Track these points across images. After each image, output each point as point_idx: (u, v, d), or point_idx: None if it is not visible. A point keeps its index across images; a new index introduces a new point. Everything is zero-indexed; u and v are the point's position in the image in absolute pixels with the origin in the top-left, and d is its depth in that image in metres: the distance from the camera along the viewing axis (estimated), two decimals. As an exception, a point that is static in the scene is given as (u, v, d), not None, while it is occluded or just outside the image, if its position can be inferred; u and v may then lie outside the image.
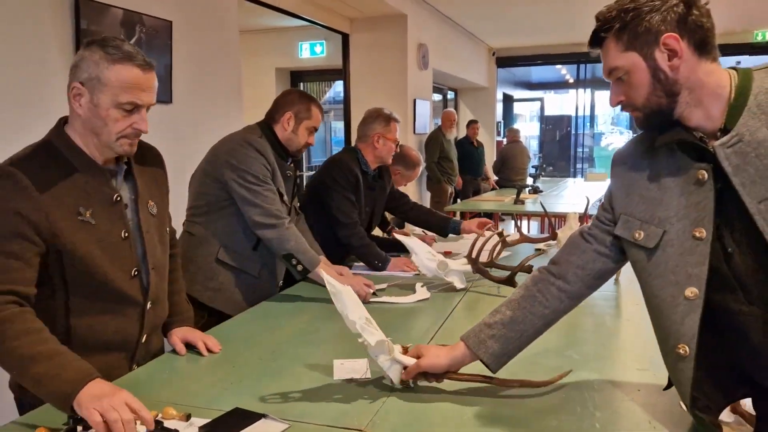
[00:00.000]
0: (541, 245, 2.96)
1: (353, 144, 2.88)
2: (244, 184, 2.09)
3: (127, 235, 1.45)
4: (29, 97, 2.44)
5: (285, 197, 2.23)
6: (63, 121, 1.42)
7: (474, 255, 2.29)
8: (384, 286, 2.29)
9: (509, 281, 2.26)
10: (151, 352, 1.64)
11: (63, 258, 1.34)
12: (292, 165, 2.33)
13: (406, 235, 3.23)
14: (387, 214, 3.31)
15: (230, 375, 1.52)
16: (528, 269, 2.57)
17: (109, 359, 1.48)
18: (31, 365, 1.21)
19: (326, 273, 1.97)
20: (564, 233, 2.80)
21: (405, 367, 1.38)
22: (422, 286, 2.25)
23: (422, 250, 2.31)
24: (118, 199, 1.44)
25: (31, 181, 1.29)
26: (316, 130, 2.29)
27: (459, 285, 2.30)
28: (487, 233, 2.59)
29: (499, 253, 2.45)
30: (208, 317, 2.11)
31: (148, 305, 1.52)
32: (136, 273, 1.47)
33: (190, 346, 1.68)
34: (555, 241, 2.78)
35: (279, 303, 2.17)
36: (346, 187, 2.66)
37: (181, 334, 1.69)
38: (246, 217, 2.12)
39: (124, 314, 1.48)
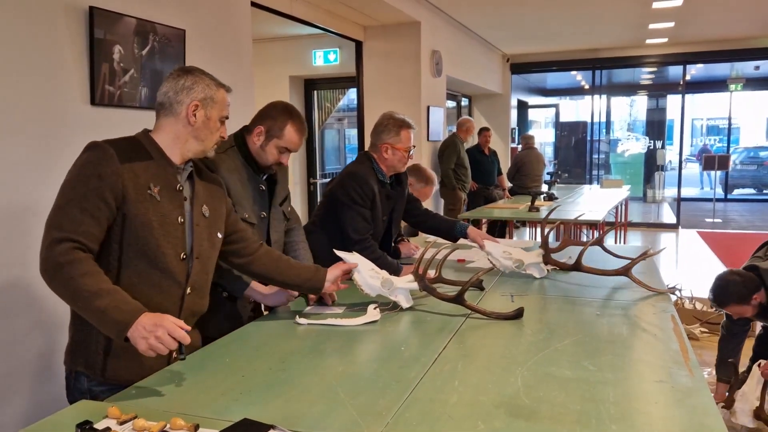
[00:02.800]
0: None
1: (365, 149, 2.82)
2: None
3: (182, 221, 1.67)
4: (43, 105, 2.46)
5: (246, 214, 2.11)
6: (146, 130, 1.70)
7: (420, 271, 2.11)
8: (341, 309, 2.17)
9: (458, 299, 2.07)
10: (189, 345, 1.62)
11: (125, 222, 1.56)
12: (264, 178, 2.21)
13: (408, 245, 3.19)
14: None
15: (239, 385, 1.51)
16: (478, 284, 2.40)
17: None
18: (96, 299, 1.44)
19: (256, 289, 2.11)
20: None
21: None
22: (375, 308, 2.09)
23: (365, 267, 2.16)
24: (181, 188, 1.68)
25: (116, 153, 1.56)
26: (289, 151, 2.15)
27: (405, 304, 2.15)
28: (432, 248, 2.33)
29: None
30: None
31: (188, 290, 1.69)
32: (184, 257, 1.67)
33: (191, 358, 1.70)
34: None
35: (287, 312, 2.15)
36: (361, 204, 2.60)
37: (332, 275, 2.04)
38: None
39: (168, 293, 1.65)
